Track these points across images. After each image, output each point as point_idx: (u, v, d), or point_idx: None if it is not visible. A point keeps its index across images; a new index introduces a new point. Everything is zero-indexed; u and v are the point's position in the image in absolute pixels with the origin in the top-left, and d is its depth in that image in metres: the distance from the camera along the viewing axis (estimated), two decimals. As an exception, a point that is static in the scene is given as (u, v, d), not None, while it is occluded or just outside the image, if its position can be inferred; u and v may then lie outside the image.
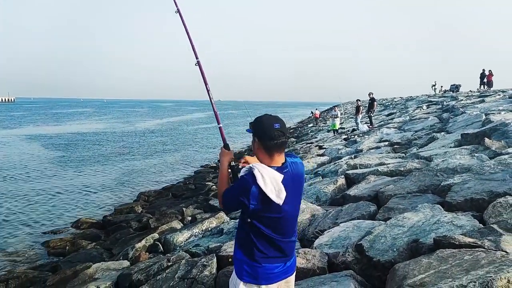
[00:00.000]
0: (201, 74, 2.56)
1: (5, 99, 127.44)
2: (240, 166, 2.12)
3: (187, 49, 2.69)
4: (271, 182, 1.80)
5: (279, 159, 1.90)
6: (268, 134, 1.84)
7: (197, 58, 2.64)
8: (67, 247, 7.11)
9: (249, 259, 1.91)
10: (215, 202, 8.57)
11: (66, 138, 28.28)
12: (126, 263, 5.13)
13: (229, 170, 2.08)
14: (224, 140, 2.28)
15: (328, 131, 20.82)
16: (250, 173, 1.83)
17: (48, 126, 40.17)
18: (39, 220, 9.21)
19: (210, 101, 2.48)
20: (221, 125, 2.41)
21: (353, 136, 14.50)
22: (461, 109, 13.12)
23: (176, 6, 2.85)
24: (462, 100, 17.83)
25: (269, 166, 1.85)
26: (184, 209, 8.33)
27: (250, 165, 1.87)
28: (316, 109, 36.98)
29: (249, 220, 1.88)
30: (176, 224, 7.01)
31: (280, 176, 1.83)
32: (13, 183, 13.20)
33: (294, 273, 2.06)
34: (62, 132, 32.98)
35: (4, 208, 10.18)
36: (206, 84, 2.53)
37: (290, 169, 1.91)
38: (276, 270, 1.93)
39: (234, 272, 2.01)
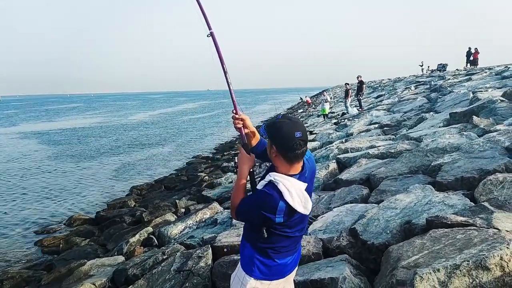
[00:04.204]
0: (215, 47, 2.04)
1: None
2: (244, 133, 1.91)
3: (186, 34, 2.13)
4: (297, 195, 1.67)
5: (298, 166, 1.74)
6: (289, 144, 1.63)
7: (210, 28, 2.09)
8: (61, 245, 7.03)
9: (261, 255, 1.81)
10: (208, 193, 8.53)
11: (61, 134, 27.89)
12: (121, 258, 5.10)
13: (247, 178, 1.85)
14: (243, 138, 1.96)
15: (318, 116, 20.84)
16: (274, 188, 1.67)
17: (43, 123, 39.56)
18: (31, 219, 9.08)
19: (228, 85, 2.01)
20: None
21: (343, 120, 14.53)
22: (448, 88, 13.21)
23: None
24: (449, 79, 17.94)
25: (288, 175, 1.71)
26: (177, 201, 8.28)
27: (271, 178, 1.69)
28: (306, 96, 36.89)
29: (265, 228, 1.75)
30: (170, 217, 6.97)
31: (304, 185, 1.71)
32: (2, 182, 12.98)
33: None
34: (58, 128, 32.47)
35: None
36: (222, 63, 2.00)
37: (308, 169, 1.78)
38: (288, 263, 1.86)
39: (239, 267, 1.89)
